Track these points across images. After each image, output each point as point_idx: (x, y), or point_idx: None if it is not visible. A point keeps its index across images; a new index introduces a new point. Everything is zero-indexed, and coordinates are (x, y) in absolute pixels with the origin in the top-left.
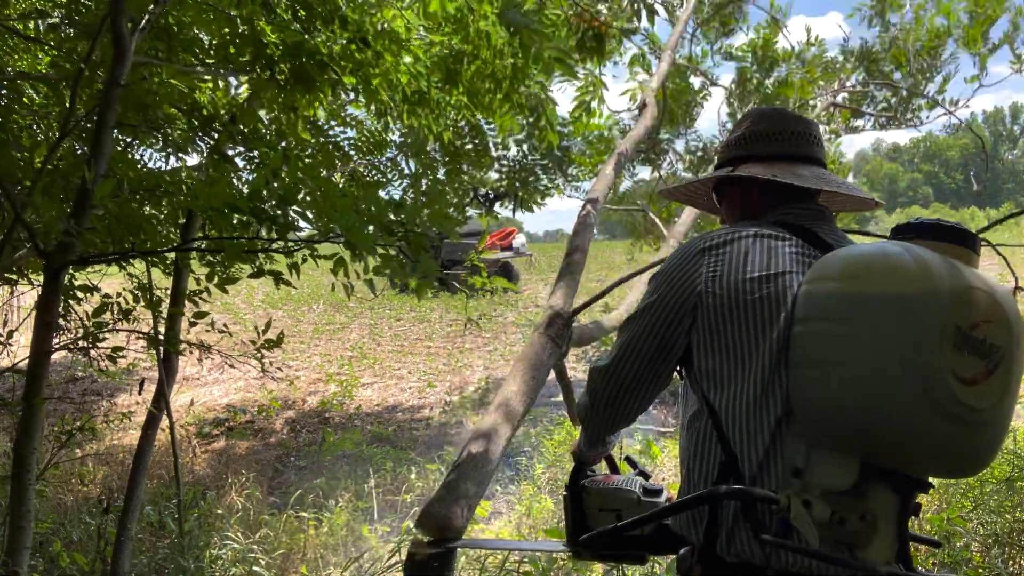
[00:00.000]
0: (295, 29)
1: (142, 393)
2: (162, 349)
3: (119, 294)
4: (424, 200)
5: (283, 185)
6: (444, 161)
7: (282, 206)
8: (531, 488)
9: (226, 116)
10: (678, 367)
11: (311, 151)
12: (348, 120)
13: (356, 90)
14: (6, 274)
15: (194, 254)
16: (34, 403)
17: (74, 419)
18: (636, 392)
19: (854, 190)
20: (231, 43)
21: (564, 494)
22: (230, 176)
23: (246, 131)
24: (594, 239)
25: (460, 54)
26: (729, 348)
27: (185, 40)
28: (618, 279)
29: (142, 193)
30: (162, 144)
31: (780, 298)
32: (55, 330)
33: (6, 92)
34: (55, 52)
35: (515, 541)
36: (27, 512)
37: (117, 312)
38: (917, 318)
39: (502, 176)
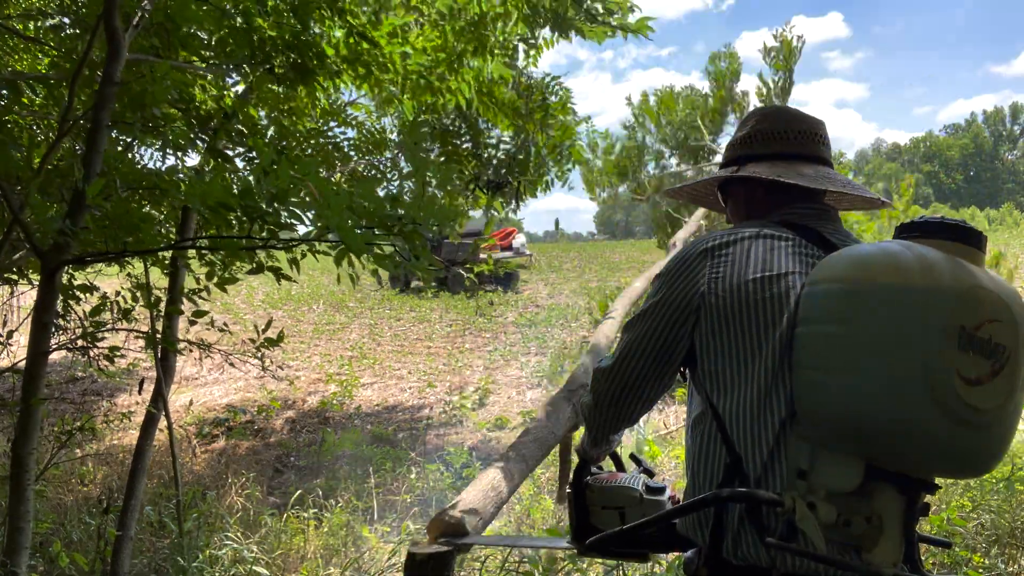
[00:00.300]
0: (291, 24)
1: (142, 393)
2: (160, 348)
3: (118, 293)
4: (424, 201)
5: (274, 182)
6: (440, 156)
7: (274, 204)
8: (531, 488)
9: (223, 113)
10: (682, 368)
11: (311, 150)
12: (348, 120)
13: (358, 73)
14: (6, 274)
15: (193, 253)
16: (31, 403)
17: (74, 419)
18: (639, 392)
19: (860, 189)
20: (228, 38)
21: (568, 491)
22: (228, 174)
23: (244, 129)
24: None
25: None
26: (732, 350)
27: (182, 36)
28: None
29: (141, 192)
30: (161, 143)
31: (783, 299)
32: (53, 330)
33: (5, 92)
34: (55, 52)
35: (518, 537)
36: (26, 512)
37: (116, 312)
38: (920, 318)
39: (500, 165)
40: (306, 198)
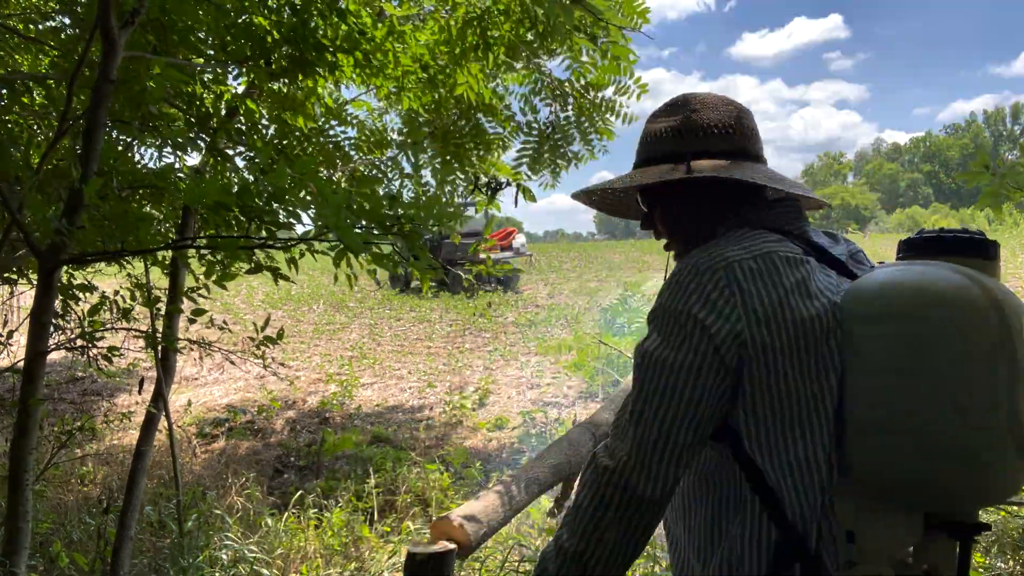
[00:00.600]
0: (291, 22)
1: (142, 392)
2: (160, 348)
3: (116, 292)
4: (425, 200)
5: (273, 181)
6: (439, 151)
7: (272, 203)
8: None
9: (223, 111)
10: None
11: (312, 149)
12: (348, 119)
13: (357, 61)
14: (5, 274)
15: (193, 253)
16: (30, 404)
17: (74, 419)
18: (672, 485)
19: (810, 192)
20: (226, 34)
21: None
22: (228, 173)
23: (244, 128)
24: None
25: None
26: (778, 399)
27: (180, 32)
28: None
29: (141, 191)
30: (161, 142)
31: (827, 332)
32: (52, 330)
33: (5, 92)
34: (55, 52)
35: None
36: (25, 513)
37: (116, 311)
38: (999, 356)
39: (530, 143)
40: (306, 197)
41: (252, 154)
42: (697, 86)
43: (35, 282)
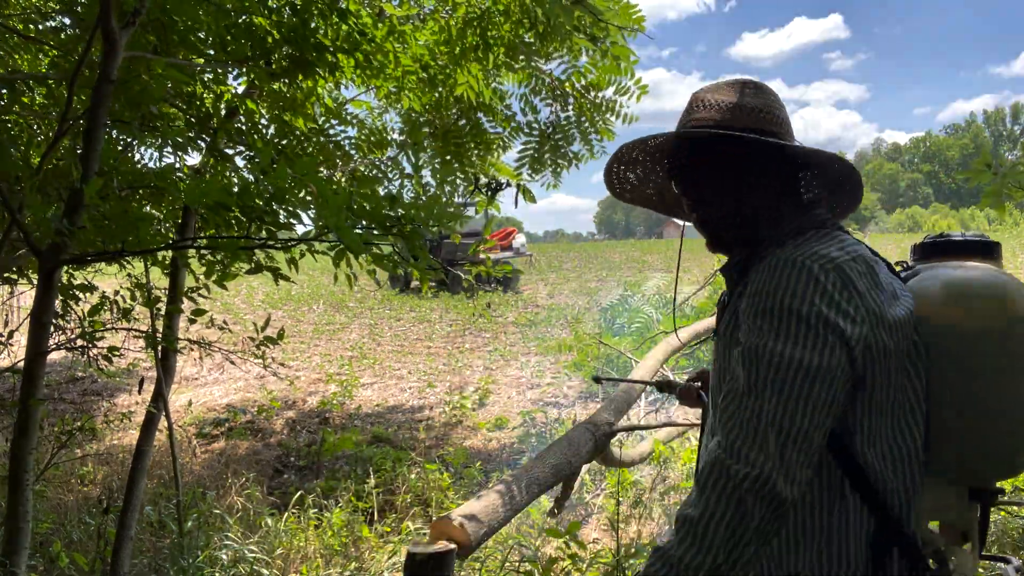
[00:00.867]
0: (291, 22)
1: (142, 392)
2: (160, 348)
3: (116, 292)
4: (425, 200)
5: (273, 182)
6: (439, 151)
7: (272, 204)
8: None
9: (224, 111)
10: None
11: (311, 149)
12: (348, 119)
13: (357, 62)
14: (5, 274)
15: (193, 253)
16: (30, 404)
17: (74, 419)
18: (804, 488)
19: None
20: (226, 34)
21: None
22: (228, 174)
23: (243, 128)
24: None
25: None
26: (885, 400)
27: (180, 32)
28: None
29: (141, 191)
30: (161, 142)
31: (910, 333)
32: (52, 330)
33: (5, 92)
34: (55, 52)
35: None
36: (25, 513)
37: (116, 311)
38: None
39: (531, 142)
40: (306, 198)
41: (252, 154)
42: (697, 86)
43: (35, 282)
